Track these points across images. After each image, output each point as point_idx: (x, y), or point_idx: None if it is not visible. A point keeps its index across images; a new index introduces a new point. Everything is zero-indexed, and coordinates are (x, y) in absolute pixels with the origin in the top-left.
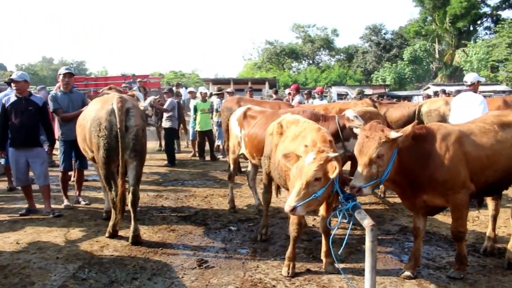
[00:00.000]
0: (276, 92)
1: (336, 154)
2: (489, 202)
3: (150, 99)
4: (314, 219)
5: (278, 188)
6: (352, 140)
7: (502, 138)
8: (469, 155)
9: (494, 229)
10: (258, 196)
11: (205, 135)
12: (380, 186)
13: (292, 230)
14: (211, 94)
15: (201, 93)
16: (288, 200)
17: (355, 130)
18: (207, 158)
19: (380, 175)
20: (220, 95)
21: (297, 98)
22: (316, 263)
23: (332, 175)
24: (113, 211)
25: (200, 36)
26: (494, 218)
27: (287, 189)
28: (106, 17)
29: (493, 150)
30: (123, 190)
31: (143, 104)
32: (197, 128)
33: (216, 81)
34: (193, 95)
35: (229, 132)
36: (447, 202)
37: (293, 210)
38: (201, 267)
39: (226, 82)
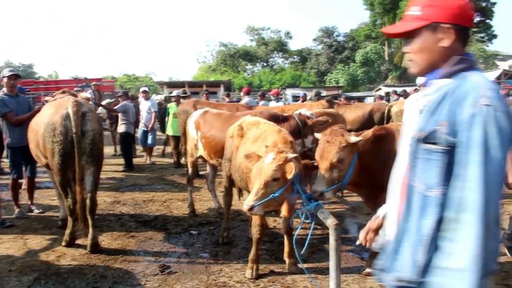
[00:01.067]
0: (228, 95)
1: (295, 155)
2: None
3: (105, 102)
4: (275, 220)
5: (240, 190)
6: (309, 137)
7: None
8: None
9: None
10: (218, 199)
11: (178, 140)
12: None
13: (254, 232)
14: (166, 98)
15: (177, 96)
16: (246, 199)
17: (316, 135)
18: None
19: (342, 179)
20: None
21: (246, 99)
22: (280, 264)
23: (290, 175)
24: (69, 218)
25: (154, 39)
26: None
27: (249, 191)
28: (57, 18)
29: None
30: (82, 196)
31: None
32: (169, 133)
33: (170, 84)
34: (146, 95)
35: (186, 135)
36: None
37: (251, 209)
38: (164, 273)
39: (180, 85)
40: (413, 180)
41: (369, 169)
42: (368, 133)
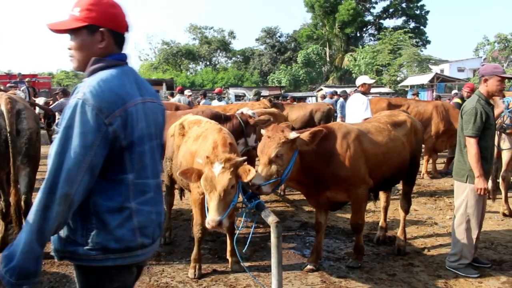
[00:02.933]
0: (171, 95)
1: (244, 158)
2: (381, 195)
3: (41, 100)
4: None
5: (181, 190)
6: (252, 136)
7: (394, 136)
8: (368, 152)
9: (385, 219)
10: None
11: None
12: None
13: (196, 231)
14: None
15: None
16: (209, 216)
17: (262, 131)
18: None
19: (280, 174)
20: None
21: (177, 97)
22: (222, 263)
23: (249, 176)
24: (1, 222)
25: None
26: (385, 210)
27: (190, 191)
28: None
29: (387, 147)
30: (17, 199)
31: None
32: None
33: None
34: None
35: None
36: (348, 197)
37: (220, 224)
38: None
39: None
40: None
41: (310, 167)
42: (306, 133)
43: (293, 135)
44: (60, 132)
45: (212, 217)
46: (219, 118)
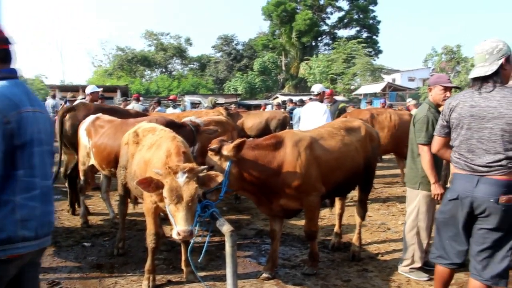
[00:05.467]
0: (125, 101)
1: (206, 166)
2: (337, 201)
3: None
4: (172, 229)
5: (135, 199)
6: (198, 145)
7: (348, 141)
8: (320, 158)
9: (340, 225)
10: (112, 209)
11: None
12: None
13: (150, 241)
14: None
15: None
16: (180, 227)
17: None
18: None
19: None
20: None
21: (132, 105)
22: (177, 273)
23: (216, 183)
24: None
25: (44, 39)
26: (340, 216)
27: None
28: None
29: (340, 152)
30: None
31: None
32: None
33: (63, 88)
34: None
35: (78, 143)
36: (301, 205)
37: (191, 234)
38: None
39: (74, 89)
40: None
41: (260, 176)
42: (229, 146)
43: (213, 148)
44: None
45: (183, 228)
46: (174, 125)
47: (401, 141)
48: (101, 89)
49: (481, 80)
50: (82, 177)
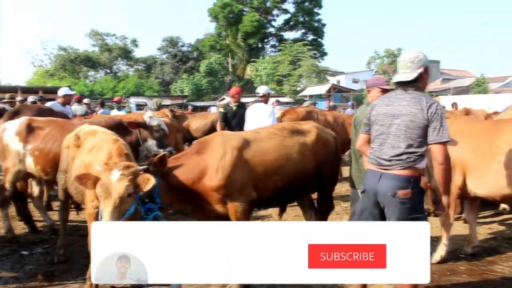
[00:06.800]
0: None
1: (144, 167)
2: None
3: None
4: None
5: (77, 205)
6: (150, 141)
7: (290, 143)
8: (253, 160)
9: None
10: (48, 216)
11: None
12: None
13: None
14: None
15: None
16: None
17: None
18: None
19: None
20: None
21: (74, 107)
22: None
23: (148, 186)
24: None
25: None
26: None
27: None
28: None
29: (279, 154)
30: None
31: None
32: None
33: (0, 89)
34: None
35: (4, 150)
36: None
37: None
38: None
39: (12, 90)
40: None
41: (185, 185)
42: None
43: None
44: None
45: None
46: (116, 127)
47: None
48: (74, 91)
49: (403, 85)
50: (9, 188)
